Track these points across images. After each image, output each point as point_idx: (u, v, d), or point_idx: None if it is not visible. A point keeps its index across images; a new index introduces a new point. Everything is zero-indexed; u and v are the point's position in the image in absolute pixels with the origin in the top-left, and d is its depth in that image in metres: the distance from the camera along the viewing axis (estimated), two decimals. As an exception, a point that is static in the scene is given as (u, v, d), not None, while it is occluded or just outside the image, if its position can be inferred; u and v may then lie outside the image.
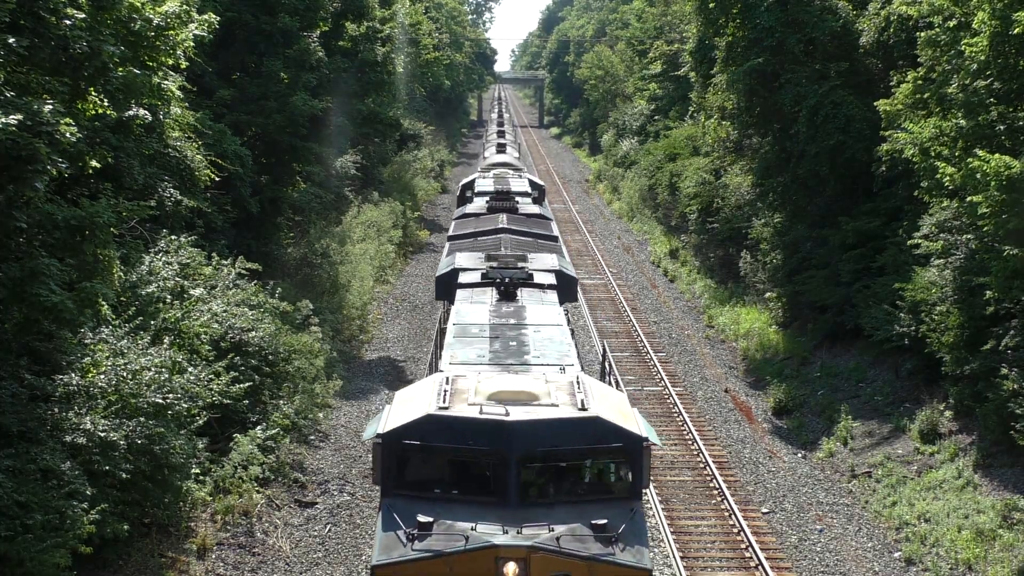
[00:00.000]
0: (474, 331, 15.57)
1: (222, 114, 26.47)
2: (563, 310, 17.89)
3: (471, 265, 20.14)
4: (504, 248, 22.18)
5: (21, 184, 12.60)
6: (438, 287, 21.06)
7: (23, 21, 13.00)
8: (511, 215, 26.21)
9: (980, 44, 19.28)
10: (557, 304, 18.10)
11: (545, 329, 15.87)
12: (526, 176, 37.29)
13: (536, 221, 26.38)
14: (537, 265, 20.18)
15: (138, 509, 15.34)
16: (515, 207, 27.49)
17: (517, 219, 25.72)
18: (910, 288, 23.27)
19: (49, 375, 14.45)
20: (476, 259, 20.62)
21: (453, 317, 16.43)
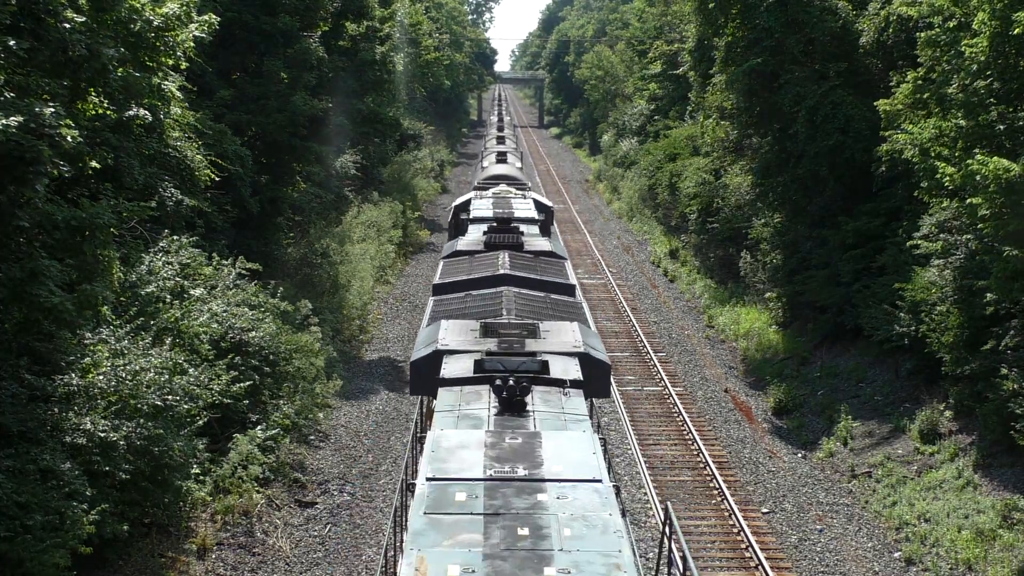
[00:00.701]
0: (459, 497, 9.51)
1: (222, 114, 26.47)
2: (597, 435, 11.70)
3: (461, 344, 14.24)
4: (507, 310, 16.07)
5: (22, 185, 12.60)
6: (414, 377, 14.47)
7: (23, 23, 13.01)
8: (515, 254, 20.04)
9: (980, 44, 19.28)
10: (586, 419, 12.02)
11: (575, 493, 9.74)
12: (531, 196, 30.26)
13: (547, 262, 20.28)
14: (553, 344, 14.38)
15: (138, 509, 15.34)
16: (519, 241, 21.36)
17: (523, 261, 19.70)
18: (910, 288, 23.27)
19: (49, 375, 14.45)
20: (468, 333, 14.68)
21: (429, 452, 10.54)
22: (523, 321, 15.25)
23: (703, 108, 37.64)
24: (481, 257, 20.09)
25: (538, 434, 10.94)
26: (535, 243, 21.79)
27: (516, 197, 29.20)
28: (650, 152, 55.67)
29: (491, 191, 31.06)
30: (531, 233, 23.38)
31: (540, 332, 14.70)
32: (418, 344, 15.33)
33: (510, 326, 14.96)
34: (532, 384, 12.46)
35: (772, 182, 32.02)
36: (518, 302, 16.52)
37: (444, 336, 14.43)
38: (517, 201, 28.07)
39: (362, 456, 22.89)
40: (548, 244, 22.05)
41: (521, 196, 29.62)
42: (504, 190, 31.27)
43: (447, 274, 19.27)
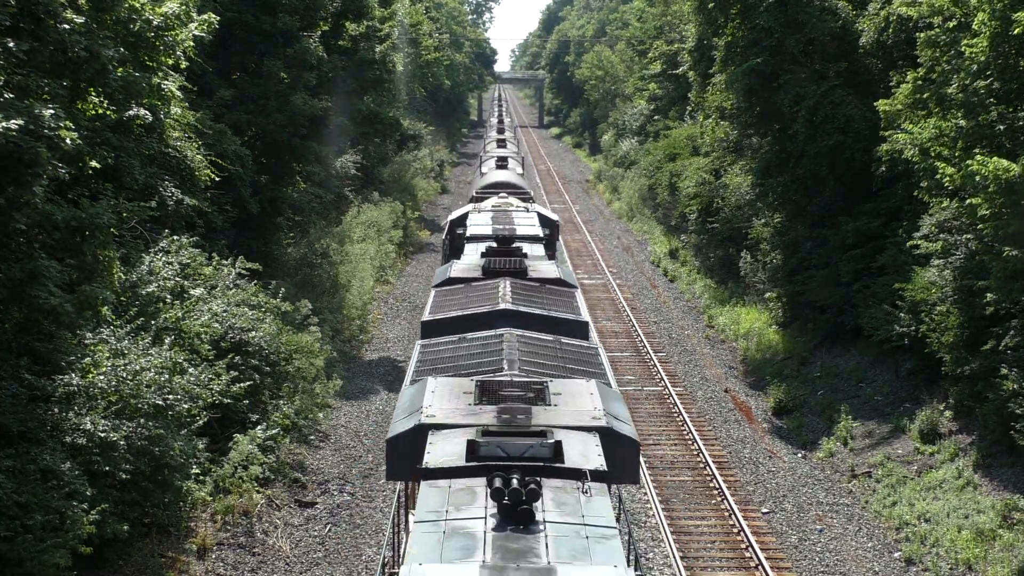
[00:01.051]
0: None
1: (222, 114, 26.47)
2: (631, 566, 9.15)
3: (451, 414, 11.31)
4: (508, 361, 13.09)
5: (20, 187, 12.60)
6: (392, 458, 11.77)
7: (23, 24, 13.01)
8: (517, 283, 17.26)
9: (980, 44, 19.28)
10: (615, 534, 9.11)
11: None
12: (535, 209, 27.50)
13: (554, 293, 17.38)
14: (567, 414, 11.37)
15: (138, 509, 15.35)
16: (522, 266, 18.62)
17: (526, 291, 16.95)
18: (910, 288, 23.27)
19: (49, 375, 14.45)
20: (460, 397, 11.73)
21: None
22: (529, 379, 12.33)
23: (703, 108, 37.63)
24: (478, 287, 17.28)
25: (552, 570, 8.15)
26: (540, 268, 19.12)
27: (518, 210, 26.29)
28: (650, 152, 55.68)
29: (490, 203, 28.41)
30: (535, 255, 20.84)
31: (550, 396, 11.66)
32: (398, 411, 12.22)
33: (513, 385, 12.00)
34: (542, 478, 9.61)
35: (772, 182, 32.01)
36: (522, 349, 13.51)
37: (430, 403, 11.42)
38: (519, 215, 25.21)
39: (362, 456, 22.89)
40: (555, 269, 19.27)
41: (523, 210, 26.68)
42: (504, 202, 28.41)
43: (439, 307, 16.46)
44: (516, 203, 28.89)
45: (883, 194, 27.70)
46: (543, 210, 27.70)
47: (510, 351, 13.39)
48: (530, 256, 20.22)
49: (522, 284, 17.42)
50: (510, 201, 28.78)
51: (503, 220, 24.27)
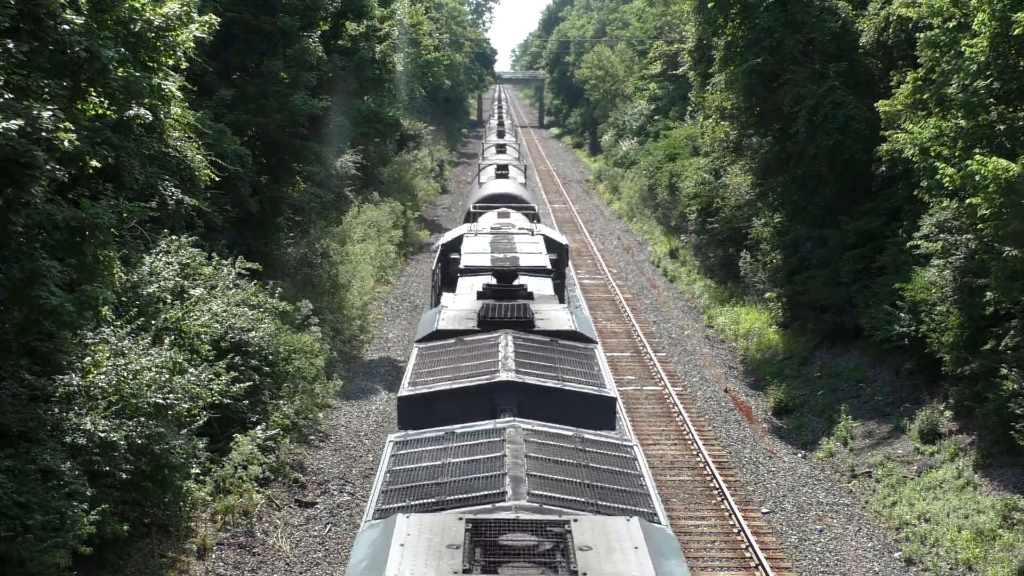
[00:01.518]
0: None
1: (222, 114, 26.47)
2: None
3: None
4: (512, 485, 9.07)
5: (18, 189, 12.60)
6: None
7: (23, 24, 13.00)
8: (521, 339, 13.78)
9: (980, 45, 19.29)
10: None
11: None
12: (541, 231, 22.76)
13: (569, 354, 13.70)
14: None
15: (138, 509, 15.35)
16: (527, 316, 14.81)
17: (534, 352, 13.42)
18: (910, 288, 23.28)
19: (49, 375, 14.46)
20: (441, 554, 7.72)
21: None
22: (542, 516, 8.36)
23: (703, 108, 37.63)
24: (473, 344, 13.64)
25: None
26: (550, 315, 15.15)
27: (521, 234, 21.96)
28: (650, 152, 55.68)
29: (489, 222, 24.63)
30: (543, 295, 17.11)
31: (574, 553, 7.63)
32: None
33: (519, 528, 8.07)
34: None
35: (772, 182, 32.03)
36: (532, 456, 9.59)
37: (397, 571, 7.39)
38: (522, 240, 20.84)
39: (362, 456, 22.90)
40: (568, 317, 15.12)
41: (527, 232, 22.22)
42: (505, 223, 24.18)
43: (422, 374, 12.92)
44: (519, 220, 24.84)
45: (883, 194, 27.70)
46: (550, 232, 23.33)
47: (515, 461, 9.41)
48: (537, 297, 16.65)
49: (528, 340, 13.74)
50: (511, 221, 24.51)
51: (504, 247, 19.94)
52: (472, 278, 17.90)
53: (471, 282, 17.74)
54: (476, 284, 17.38)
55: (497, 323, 14.43)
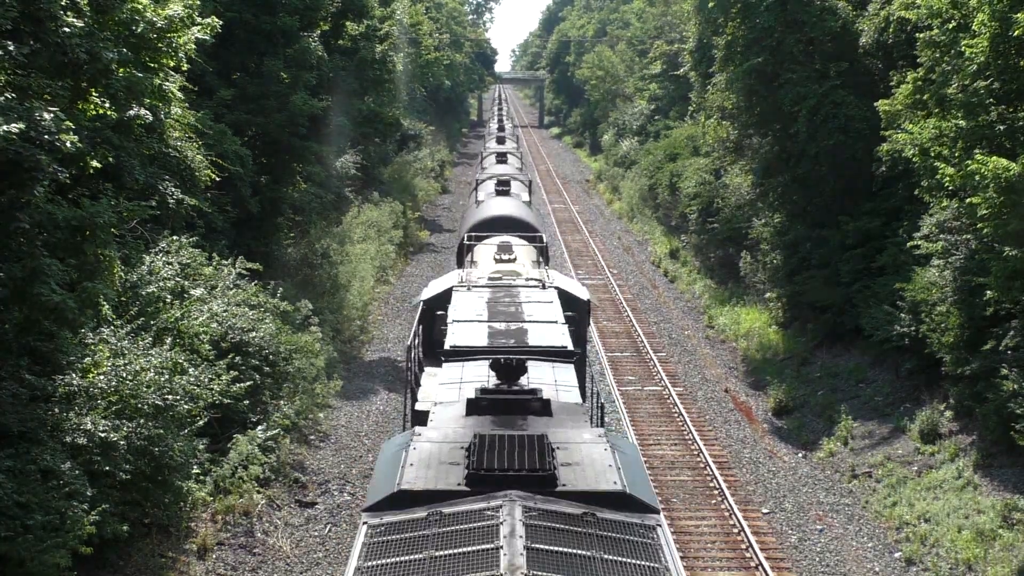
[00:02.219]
0: None
1: (222, 114, 26.46)
2: None
3: None
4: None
5: (20, 190, 12.60)
6: None
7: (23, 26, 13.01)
8: (535, 513, 8.40)
9: (980, 45, 19.28)
10: None
11: None
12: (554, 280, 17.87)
13: (615, 546, 8.13)
14: None
15: (138, 509, 15.35)
16: (546, 462, 9.36)
17: (557, 543, 7.90)
18: (910, 288, 23.28)
19: (50, 375, 14.45)
20: None
21: None
22: None
23: (704, 108, 37.63)
24: (456, 530, 8.26)
25: None
26: (580, 456, 9.85)
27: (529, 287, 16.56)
28: (650, 152, 55.69)
29: (487, 265, 19.90)
30: (566, 406, 12.18)
31: None
32: None
33: None
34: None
35: (772, 182, 32.03)
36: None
37: None
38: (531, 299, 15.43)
39: (362, 456, 22.90)
40: (608, 460, 9.84)
41: (537, 285, 16.90)
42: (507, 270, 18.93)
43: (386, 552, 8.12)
44: (524, 259, 20.36)
45: (883, 194, 27.71)
46: (566, 282, 17.86)
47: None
48: (556, 409, 11.66)
49: (547, 519, 8.36)
50: (515, 265, 19.47)
51: (506, 311, 14.70)
52: (461, 366, 13.45)
53: (460, 374, 13.41)
54: (467, 380, 12.97)
55: (498, 479, 9.10)
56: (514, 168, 39.03)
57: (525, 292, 15.99)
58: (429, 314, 16.87)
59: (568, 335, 13.77)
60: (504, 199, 29.16)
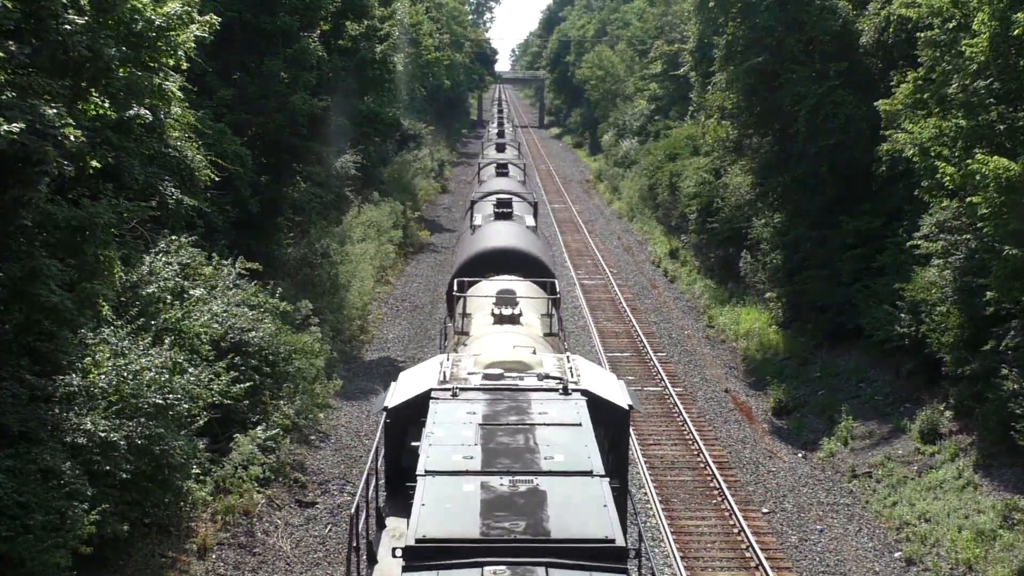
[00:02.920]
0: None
1: (222, 114, 26.46)
2: None
3: None
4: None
5: (26, 186, 12.60)
6: None
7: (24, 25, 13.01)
8: None
9: (980, 44, 19.29)
10: None
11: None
12: (583, 379, 11.90)
13: None
14: None
15: (138, 509, 15.33)
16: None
17: None
18: (910, 288, 23.28)
19: (50, 375, 14.45)
20: None
21: None
22: None
23: (704, 108, 37.63)
24: None
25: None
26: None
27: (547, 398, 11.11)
28: (650, 152, 55.70)
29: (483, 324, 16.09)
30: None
31: None
32: None
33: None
34: None
35: (772, 182, 32.03)
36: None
37: None
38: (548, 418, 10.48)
39: (362, 456, 22.89)
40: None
41: (557, 389, 11.32)
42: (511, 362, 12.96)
43: None
44: (530, 321, 16.22)
45: (883, 194, 27.70)
46: (598, 379, 12.27)
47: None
48: None
49: None
50: (519, 335, 15.01)
51: (509, 453, 9.59)
52: None
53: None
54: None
55: None
56: (516, 182, 33.25)
57: (539, 405, 10.70)
58: (395, 431, 11.43)
59: (615, 514, 8.45)
60: (505, 225, 23.46)
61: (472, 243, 22.32)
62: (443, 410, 10.50)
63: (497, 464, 9.18)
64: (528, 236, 22.82)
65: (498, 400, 10.84)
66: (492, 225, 23.47)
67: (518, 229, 23.07)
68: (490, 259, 20.48)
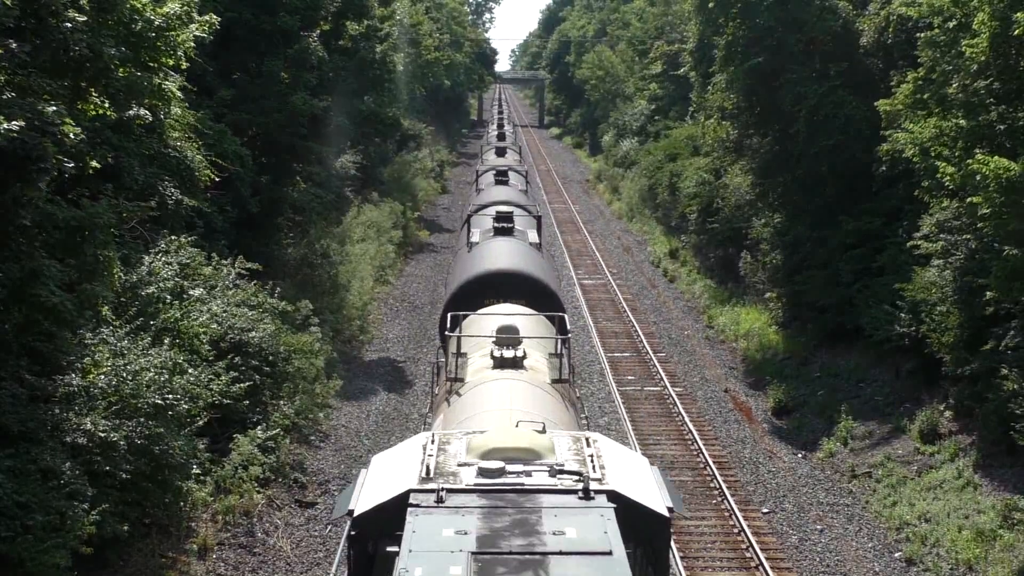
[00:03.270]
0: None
1: (222, 114, 26.45)
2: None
3: None
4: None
5: (27, 184, 12.59)
6: None
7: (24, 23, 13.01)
8: None
9: (980, 44, 19.29)
10: None
11: None
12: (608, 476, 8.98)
13: None
14: None
15: (138, 509, 15.33)
16: None
17: None
18: (910, 288, 23.28)
19: (49, 376, 14.44)
20: None
21: None
22: None
23: (704, 108, 37.62)
24: None
25: None
26: None
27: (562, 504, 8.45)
28: (650, 152, 55.70)
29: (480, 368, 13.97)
30: None
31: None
32: None
33: None
34: None
35: (772, 182, 32.03)
36: None
37: None
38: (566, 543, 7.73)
39: (362, 456, 22.88)
40: None
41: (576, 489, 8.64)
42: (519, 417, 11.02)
43: None
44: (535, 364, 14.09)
45: (883, 194, 27.71)
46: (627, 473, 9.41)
47: None
48: None
49: None
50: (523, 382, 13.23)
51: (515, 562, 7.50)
52: None
53: None
54: None
55: None
56: (517, 191, 30.74)
57: (553, 519, 8.18)
58: (365, 544, 8.82)
59: None
60: (506, 243, 21.04)
61: (468, 264, 20.18)
62: (424, 527, 7.95)
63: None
64: (532, 256, 20.62)
65: (498, 511, 8.26)
66: (491, 243, 21.22)
67: (520, 248, 20.91)
68: (489, 283, 18.37)
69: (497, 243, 21.00)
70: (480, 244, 21.36)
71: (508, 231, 22.11)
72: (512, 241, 21.26)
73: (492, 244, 20.97)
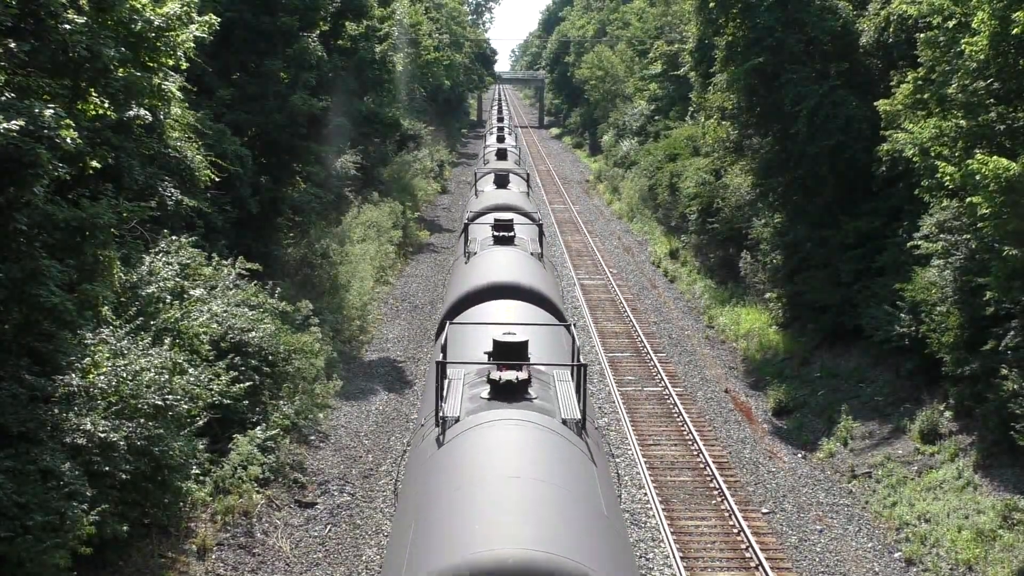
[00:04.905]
0: None
1: (222, 114, 26.46)
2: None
3: None
4: None
5: (21, 188, 12.58)
6: None
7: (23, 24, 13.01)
8: None
9: (980, 44, 19.29)
10: None
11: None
12: None
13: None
14: None
15: (138, 510, 15.33)
16: None
17: None
18: (910, 288, 23.27)
19: (49, 376, 14.43)
20: None
21: None
22: None
23: (704, 108, 37.60)
24: None
25: None
26: None
27: None
28: (650, 152, 55.67)
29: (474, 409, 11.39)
30: None
31: None
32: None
33: None
34: None
35: (772, 182, 32.00)
36: None
37: None
38: None
39: (362, 456, 22.89)
40: None
41: None
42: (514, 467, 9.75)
43: None
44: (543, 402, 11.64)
45: (883, 194, 27.69)
46: None
47: None
48: None
49: None
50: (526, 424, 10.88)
51: None
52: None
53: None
54: None
55: None
56: (518, 194, 28.74)
57: None
58: None
59: None
60: (505, 254, 19.79)
61: (466, 276, 18.78)
62: None
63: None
64: (534, 268, 19.33)
65: None
66: (490, 253, 19.99)
67: (521, 258, 19.67)
68: (488, 297, 17.09)
69: (496, 253, 19.82)
70: (479, 254, 20.18)
71: (508, 240, 21.08)
72: (512, 251, 20.11)
73: (491, 254, 19.85)
